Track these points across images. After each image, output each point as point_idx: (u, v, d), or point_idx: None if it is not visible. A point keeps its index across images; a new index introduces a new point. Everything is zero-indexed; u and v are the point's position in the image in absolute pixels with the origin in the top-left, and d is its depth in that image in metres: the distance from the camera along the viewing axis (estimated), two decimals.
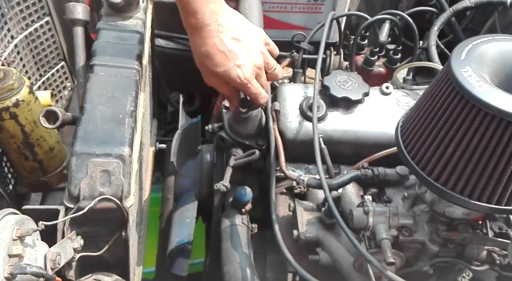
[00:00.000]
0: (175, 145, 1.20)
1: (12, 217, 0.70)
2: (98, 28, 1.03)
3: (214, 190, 1.09)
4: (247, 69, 0.94)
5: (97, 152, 0.81)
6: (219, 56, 0.92)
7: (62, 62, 1.62)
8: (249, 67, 0.94)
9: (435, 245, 0.91)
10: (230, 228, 1.08)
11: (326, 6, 1.57)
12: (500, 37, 0.79)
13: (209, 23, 0.88)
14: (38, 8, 1.45)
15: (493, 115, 0.68)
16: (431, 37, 1.39)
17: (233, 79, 0.94)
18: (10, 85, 1.09)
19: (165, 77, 1.67)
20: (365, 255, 0.84)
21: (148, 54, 1.12)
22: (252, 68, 0.95)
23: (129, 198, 0.82)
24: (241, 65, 0.93)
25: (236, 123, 1.13)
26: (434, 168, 0.77)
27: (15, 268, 0.64)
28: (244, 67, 0.94)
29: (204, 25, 0.88)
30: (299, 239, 0.99)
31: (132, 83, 0.93)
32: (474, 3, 1.44)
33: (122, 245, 0.83)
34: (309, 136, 1.07)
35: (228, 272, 1.00)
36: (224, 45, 0.91)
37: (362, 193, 1.06)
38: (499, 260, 0.91)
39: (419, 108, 0.81)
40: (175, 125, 1.88)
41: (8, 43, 1.35)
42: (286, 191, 1.14)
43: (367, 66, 1.47)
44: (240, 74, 0.94)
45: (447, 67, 0.75)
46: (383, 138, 1.09)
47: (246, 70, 0.94)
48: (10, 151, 1.21)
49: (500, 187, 0.73)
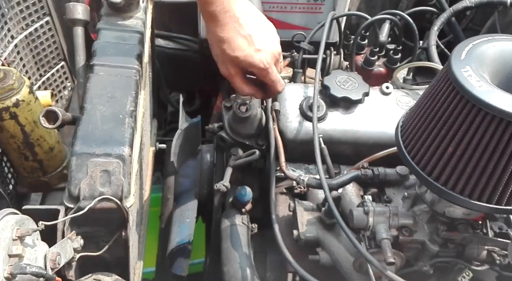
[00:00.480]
0: (175, 145, 1.20)
1: (12, 217, 0.70)
2: (98, 28, 1.03)
3: (214, 190, 1.09)
4: (268, 54, 0.93)
5: (97, 152, 0.81)
6: (239, 40, 0.91)
7: (62, 62, 1.62)
8: (270, 52, 0.93)
9: (435, 245, 0.91)
10: (230, 228, 1.08)
11: (326, 6, 1.57)
12: (500, 37, 0.79)
13: (228, 9, 0.89)
14: (38, 8, 1.45)
15: (493, 115, 0.68)
16: (431, 37, 1.39)
17: (255, 63, 0.92)
18: (10, 85, 1.09)
19: (165, 77, 1.67)
20: (365, 255, 0.84)
21: (148, 54, 1.12)
22: (272, 54, 0.94)
23: (129, 198, 0.82)
24: (262, 50, 0.92)
25: (236, 123, 1.13)
26: (434, 168, 0.77)
27: (15, 268, 0.64)
28: (265, 52, 0.93)
29: (224, 12, 0.89)
30: (299, 239, 0.99)
31: (132, 83, 0.93)
32: (474, 3, 1.44)
33: (122, 245, 0.83)
34: (309, 136, 1.07)
35: (228, 272, 1.00)
36: (244, 29, 0.91)
37: (362, 193, 1.06)
38: (499, 260, 0.91)
39: (419, 108, 0.81)
40: (175, 125, 1.89)
41: (8, 43, 1.35)
42: (286, 191, 1.14)
43: (367, 66, 1.47)
44: (263, 58, 0.92)
45: (447, 67, 0.75)
46: (383, 138, 1.09)
47: (267, 54, 0.93)
48: (10, 151, 1.21)
49: (500, 187, 0.73)
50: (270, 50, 0.94)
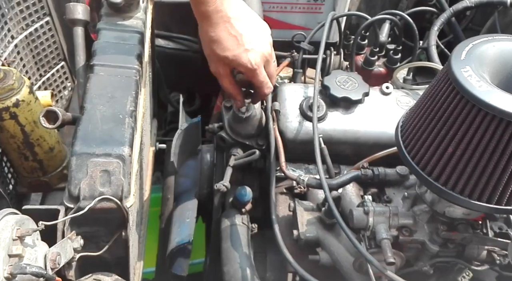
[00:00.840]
0: (175, 145, 1.20)
1: (12, 217, 0.70)
2: (98, 28, 1.03)
3: (214, 190, 1.09)
4: (257, 54, 0.93)
5: (97, 152, 0.81)
6: (229, 40, 0.91)
7: (62, 62, 1.63)
8: (259, 52, 0.94)
9: (435, 245, 0.91)
10: (230, 228, 1.08)
11: (326, 6, 1.57)
12: (500, 37, 0.79)
13: (220, 9, 0.90)
14: (38, 8, 1.45)
15: (493, 115, 0.68)
16: (431, 37, 1.39)
17: (243, 63, 0.93)
18: (10, 85, 1.09)
19: (165, 77, 1.67)
20: (365, 255, 0.84)
21: (148, 54, 1.12)
22: (262, 54, 0.94)
23: (129, 198, 0.82)
24: (251, 50, 0.93)
25: (236, 123, 1.13)
26: (434, 168, 0.77)
27: (15, 268, 0.64)
28: (254, 52, 0.93)
29: (215, 12, 0.89)
30: (299, 239, 0.99)
31: (132, 83, 0.93)
32: (474, 3, 1.44)
33: (122, 245, 0.83)
34: (309, 136, 1.07)
35: (228, 272, 1.00)
36: (235, 29, 0.91)
37: (362, 193, 1.06)
38: (499, 260, 0.91)
39: (419, 108, 0.81)
40: (175, 125, 1.89)
41: (8, 43, 1.35)
42: (286, 191, 1.14)
43: (367, 66, 1.47)
44: (251, 59, 0.92)
45: (447, 67, 0.75)
46: (383, 138, 1.09)
47: (256, 55, 0.93)
48: (10, 151, 1.21)
49: (500, 187, 0.73)
50: (260, 51, 0.94)
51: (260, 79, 0.97)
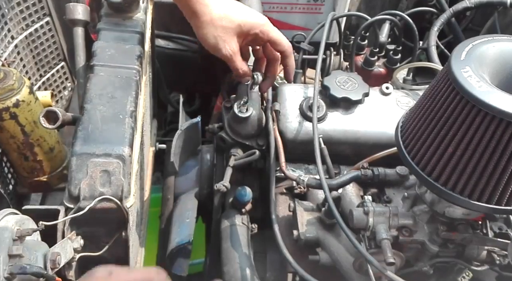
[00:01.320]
0: (175, 145, 1.20)
1: (12, 217, 0.70)
2: (98, 28, 1.03)
3: (214, 190, 1.09)
4: (232, 43, 0.98)
5: (97, 152, 0.81)
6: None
7: (62, 63, 1.63)
8: (233, 41, 0.99)
9: (435, 245, 0.91)
10: (230, 228, 1.08)
11: (326, 7, 1.57)
12: (500, 37, 0.79)
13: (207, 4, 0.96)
14: (38, 8, 1.45)
15: (493, 115, 0.68)
16: (431, 38, 1.39)
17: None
18: (10, 86, 1.09)
19: (165, 77, 1.67)
20: (365, 255, 0.84)
21: (148, 54, 1.12)
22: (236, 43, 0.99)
23: (129, 198, 0.82)
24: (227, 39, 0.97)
25: (236, 123, 1.13)
26: (434, 168, 0.77)
27: (15, 268, 0.64)
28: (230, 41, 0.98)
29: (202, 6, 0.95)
30: (299, 239, 0.99)
31: (132, 83, 0.93)
32: (474, 4, 1.44)
33: (122, 245, 0.83)
34: (309, 136, 1.07)
35: (228, 272, 1.00)
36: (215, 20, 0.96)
37: (362, 193, 1.06)
38: (499, 260, 0.91)
39: (419, 108, 0.81)
40: (175, 125, 1.89)
41: (9, 43, 1.35)
42: (286, 191, 1.14)
43: (367, 67, 1.47)
44: (227, 46, 0.98)
45: (447, 67, 0.75)
46: (383, 138, 1.09)
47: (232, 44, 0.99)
48: (10, 151, 1.21)
49: (500, 187, 0.73)
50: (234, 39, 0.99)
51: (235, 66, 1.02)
